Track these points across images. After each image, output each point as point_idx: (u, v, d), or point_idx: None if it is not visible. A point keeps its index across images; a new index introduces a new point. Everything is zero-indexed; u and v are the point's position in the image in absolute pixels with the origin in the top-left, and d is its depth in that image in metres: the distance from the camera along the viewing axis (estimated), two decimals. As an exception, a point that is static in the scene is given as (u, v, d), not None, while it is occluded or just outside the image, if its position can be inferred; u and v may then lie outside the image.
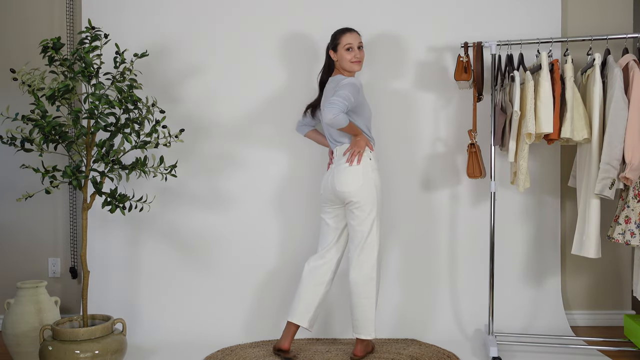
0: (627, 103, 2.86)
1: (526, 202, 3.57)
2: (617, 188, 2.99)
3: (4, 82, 3.63)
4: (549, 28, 3.50)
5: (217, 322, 3.47)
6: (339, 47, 2.97)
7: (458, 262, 3.56)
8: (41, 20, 3.63)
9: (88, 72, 2.73)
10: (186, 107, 3.55)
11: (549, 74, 2.93)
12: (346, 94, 2.80)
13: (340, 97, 2.77)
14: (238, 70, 3.55)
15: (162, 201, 3.54)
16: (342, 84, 2.87)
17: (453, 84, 3.51)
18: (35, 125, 2.66)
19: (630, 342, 3.17)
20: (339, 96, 2.78)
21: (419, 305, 3.52)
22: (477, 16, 3.53)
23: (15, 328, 2.94)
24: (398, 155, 3.55)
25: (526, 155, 2.99)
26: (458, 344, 3.26)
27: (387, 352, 3.13)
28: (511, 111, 3.04)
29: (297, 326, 3.04)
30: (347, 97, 2.79)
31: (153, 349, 3.24)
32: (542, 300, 3.54)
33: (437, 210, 3.56)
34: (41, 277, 3.67)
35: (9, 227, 3.67)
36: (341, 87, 2.85)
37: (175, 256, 3.55)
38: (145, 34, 3.54)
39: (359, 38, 3.00)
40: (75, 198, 3.65)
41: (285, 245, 3.53)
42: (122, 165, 2.84)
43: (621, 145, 2.85)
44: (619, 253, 3.64)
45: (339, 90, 2.83)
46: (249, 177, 3.55)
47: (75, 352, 2.61)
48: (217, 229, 3.55)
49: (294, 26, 3.51)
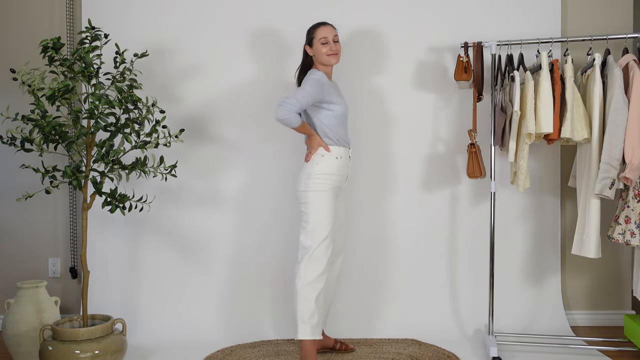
0: (627, 103, 2.86)
1: (526, 202, 3.57)
2: (617, 188, 2.99)
3: (4, 82, 3.63)
4: (549, 28, 3.50)
5: (217, 322, 3.47)
6: (315, 42, 2.92)
7: (458, 262, 3.56)
8: (41, 20, 3.63)
9: (88, 72, 2.73)
10: (186, 107, 3.55)
11: (549, 74, 2.93)
12: (304, 92, 2.77)
13: (296, 96, 2.75)
14: (238, 70, 3.55)
15: (162, 201, 3.55)
16: (305, 80, 2.85)
17: (453, 84, 3.52)
18: (35, 125, 2.66)
19: (630, 342, 3.17)
20: (294, 95, 2.75)
21: (419, 305, 3.52)
22: (477, 16, 3.53)
23: (15, 328, 2.94)
24: (398, 155, 3.55)
25: (526, 155, 2.99)
26: (458, 344, 3.26)
27: (387, 352, 3.13)
28: (511, 111, 3.04)
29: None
30: (303, 96, 2.76)
31: (153, 349, 3.24)
32: (542, 300, 3.54)
33: (437, 210, 3.56)
34: (41, 277, 3.67)
35: (9, 227, 3.67)
36: (304, 82, 2.85)
37: (175, 256, 3.55)
38: (145, 34, 3.54)
39: (334, 31, 2.94)
40: (75, 198, 3.65)
41: (285, 245, 3.53)
42: (122, 165, 2.84)
43: (621, 145, 2.85)
44: (619, 253, 3.64)
45: (299, 87, 2.82)
46: (249, 177, 3.55)
47: (75, 352, 2.61)
48: (217, 228, 3.55)
49: (295, 26, 3.50)
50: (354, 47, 3.53)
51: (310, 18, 3.16)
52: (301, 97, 2.75)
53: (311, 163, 2.87)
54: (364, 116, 3.52)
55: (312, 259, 2.81)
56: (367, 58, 3.55)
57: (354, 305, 3.51)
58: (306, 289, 2.80)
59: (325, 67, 2.95)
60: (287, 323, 3.41)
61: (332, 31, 2.93)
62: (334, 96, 2.90)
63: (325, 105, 2.87)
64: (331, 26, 2.95)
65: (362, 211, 3.54)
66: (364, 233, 3.55)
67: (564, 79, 2.98)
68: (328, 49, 2.89)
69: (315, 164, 2.86)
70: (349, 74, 3.50)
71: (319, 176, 2.85)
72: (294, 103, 2.72)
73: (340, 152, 2.91)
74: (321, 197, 2.84)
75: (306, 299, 2.79)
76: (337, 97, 2.92)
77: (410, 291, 3.54)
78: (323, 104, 2.87)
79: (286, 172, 3.52)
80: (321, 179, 2.85)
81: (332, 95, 2.88)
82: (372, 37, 3.53)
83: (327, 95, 2.86)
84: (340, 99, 2.93)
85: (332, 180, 2.87)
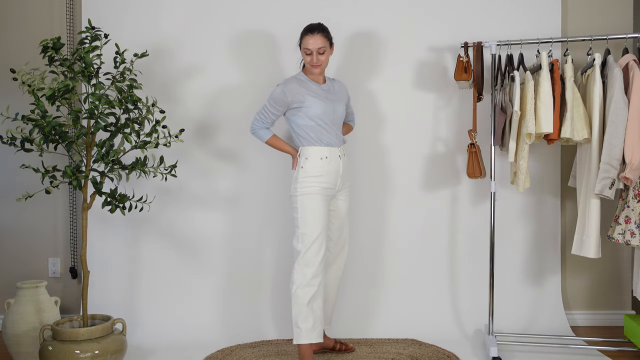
0: (627, 103, 2.86)
1: (526, 202, 3.57)
2: (617, 188, 2.99)
3: (4, 82, 3.63)
4: (549, 28, 3.50)
5: (217, 322, 3.47)
6: (301, 48, 2.93)
7: (458, 262, 3.56)
8: (41, 20, 3.63)
9: (88, 72, 2.72)
10: (186, 107, 3.55)
11: (549, 74, 2.93)
12: (264, 108, 2.95)
13: (257, 115, 2.97)
14: (238, 70, 3.55)
15: (162, 201, 3.54)
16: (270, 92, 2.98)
17: (453, 84, 3.51)
18: (35, 125, 2.66)
19: (630, 342, 3.17)
20: (257, 114, 2.98)
21: (419, 305, 3.52)
22: (477, 16, 3.53)
23: (15, 328, 2.94)
24: (398, 155, 3.55)
25: (526, 155, 2.99)
26: (458, 344, 3.26)
27: (387, 352, 3.13)
28: (511, 111, 3.04)
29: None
30: (264, 113, 2.94)
31: (153, 349, 3.24)
32: (542, 300, 3.54)
33: (437, 210, 3.56)
34: (41, 277, 3.67)
35: (9, 227, 3.67)
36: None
37: (175, 256, 3.55)
38: (145, 34, 3.54)
39: (321, 42, 2.85)
40: (75, 198, 3.65)
41: (285, 244, 3.52)
42: (122, 165, 2.84)
43: (621, 145, 2.85)
44: (619, 253, 3.64)
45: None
46: (249, 177, 3.55)
47: (75, 352, 2.61)
48: (217, 228, 3.55)
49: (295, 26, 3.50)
50: (354, 47, 3.53)
51: (311, 19, 3.15)
52: (262, 115, 2.95)
53: (297, 167, 2.91)
54: (363, 116, 3.52)
55: (303, 262, 2.83)
56: (367, 58, 3.55)
57: (354, 305, 3.51)
58: (299, 293, 2.82)
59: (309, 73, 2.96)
60: (287, 323, 3.41)
61: (318, 43, 2.85)
62: (307, 99, 2.87)
63: (296, 109, 2.90)
64: (321, 35, 2.86)
65: (362, 211, 3.54)
66: (363, 233, 3.54)
67: (564, 79, 2.98)
68: (310, 60, 2.89)
69: (300, 167, 2.90)
70: (349, 74, 3.50)
71: (304, 179, 2.87)
72: (257, 120, 2.95)
73: (324, 152, 2.90)
74: (308, 200, 2.86)
75: (299, 304, 2.82)
76: (313, 99, 2.88)
77: (410, 291, 3.54)
78: (293, 109, 2.91)
79: (286, 172, 3.52)
80: (307, 182, 2.87)
81: (302, 100, 2.87)
82: (372, 37, 3.53)
83: (295, 101, 2.88)
84: (317, 101, 2.88)
85: (319, 181, 2.88)
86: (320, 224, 2.84)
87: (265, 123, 2.95)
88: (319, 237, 2.84)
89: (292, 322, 2.84)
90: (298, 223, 2.87)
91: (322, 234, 2.85)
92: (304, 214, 2.85)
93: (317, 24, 2.92)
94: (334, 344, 3.13)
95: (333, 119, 2.95)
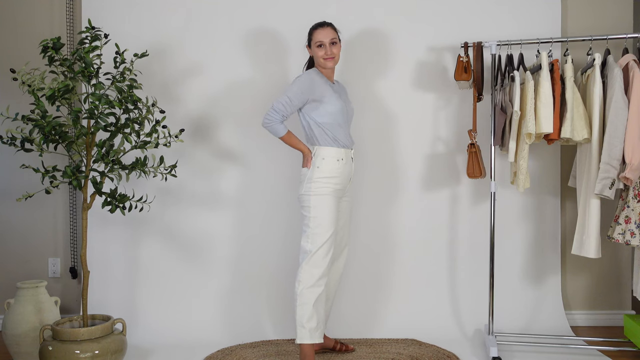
0: (627, 103, 2.86)
1: (526, 202, 3.57)
2: (617, 188, 2.99)
3: (4, 82, 3.63)
4: (549, 28, 3.50)
5: (217, 322, 3.47)
6: (312, 44, 2.91)
7: (458, 262, 3.56)
8: (41, 20, 3.63)
9: (88, 72, 2.72)
10: (186, 107, 3.55)
11: (549, 74, 2.93)
12: (285, 99, 2.78)
13: (276, 106, 2.78)
14: (238, 69, 3.55)
15: (162, 201, 3.54)
16: (291, 84, 2.85)
17: (453, 84, 3.51)
18: (35, 125, 2.66)
19: (630, 342, 3.17)
20: (274, 106, 2.78)
21: (419, 305, 3.52)
22: (477, 16, 3.53)
23: (15, 328, 2.94)
24: (398, 155, 3.55)
25: (526, 155, 2.99)
26: (458, 344, 3.26)
27: (387, 352, 3.13)
28: (511, 111, 3.04)
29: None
30: (285, 103, 2.78)
31: (153, 349, 3.24)
32: (542, 300, 3.54)
33: (437, 210, 3.56)
34: (41, 277, 3.67)
35: (9, 227, 3.67)
36: (288, 86, 2.84)
37: (175, 256, 3.55)
38: (145, 34, 3.54)
39: (332, 34, 2.88)
40: (75, 198, 3.65)
41: (285, 245, 3.53)
42: (122, 165, 2.84)
43: (621, 145, 2.85)
44: (619, 253, 3.64)
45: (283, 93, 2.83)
46: (249, 177, 3.56)
47: (75, 352, 2.61)
48: (217, 229, 3.55)
49: (295, 26, 3.50)
50: (354, 47, 3.53)
51: (311, 18, 3.15)
52: (282, 105, 2.77)
53: (312, 166, 2.86)
54: (363, 116, 3.52)
55: (311, 262, 2.81)
56: (367, 58, 3.55)
57: (354, 305, 3.51)
58: (305, 293, 2.80)
59: (323, 69, 2.94)
60: (287, 323, 3.41)
61: (330, 34, 2.88)
62: (327, 94, 2.85)
63: (316, 103, 2.84)
64: (330, 27, 2.90)
65: (362, 211, 3.54)
66: (363, 233, 3.55)
67: (564, 79, 2.98)
68: (324, 53, 2.87)
69: (316, 167, 2.85)
70: (349, 74, 3.50)
71: (320, 179, 2.84)
72: (273, 115, 2.77)
73: (341, 154, 2.89)
74: (322, 200, 2.82)
75: (305, 303, 2.80)
76: (331, 95, 2.86)
77: (410, 291, 3.54)
78: (313, 102, 2.84)
79: (286, 172, 3.52)
80: (322, 183, 2.84)
81: (323, 93, 2.84)
82: (372, 37, 3.53)
83: (318, 93, 2.83)
84: (335, 98, 2.87)
85: (334, 183, 2.86)
86: (333, 226, 2.84)
87: (284, 116, 2.80)
88: (330, 238, 2.83)
89: (296, 321, 2.82)
90: (309, 223, 2.83)
91: (333, 235, 2.85)
92: (317, 215, 2.81)
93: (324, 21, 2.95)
94: (334, 344, 3.13)
95: (347, 118, 2.96)
